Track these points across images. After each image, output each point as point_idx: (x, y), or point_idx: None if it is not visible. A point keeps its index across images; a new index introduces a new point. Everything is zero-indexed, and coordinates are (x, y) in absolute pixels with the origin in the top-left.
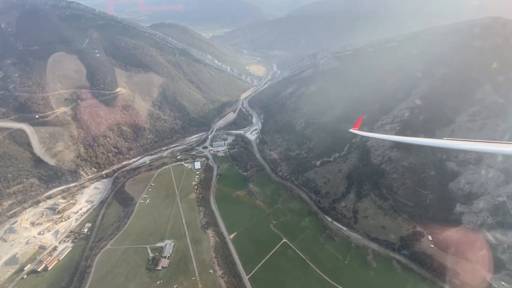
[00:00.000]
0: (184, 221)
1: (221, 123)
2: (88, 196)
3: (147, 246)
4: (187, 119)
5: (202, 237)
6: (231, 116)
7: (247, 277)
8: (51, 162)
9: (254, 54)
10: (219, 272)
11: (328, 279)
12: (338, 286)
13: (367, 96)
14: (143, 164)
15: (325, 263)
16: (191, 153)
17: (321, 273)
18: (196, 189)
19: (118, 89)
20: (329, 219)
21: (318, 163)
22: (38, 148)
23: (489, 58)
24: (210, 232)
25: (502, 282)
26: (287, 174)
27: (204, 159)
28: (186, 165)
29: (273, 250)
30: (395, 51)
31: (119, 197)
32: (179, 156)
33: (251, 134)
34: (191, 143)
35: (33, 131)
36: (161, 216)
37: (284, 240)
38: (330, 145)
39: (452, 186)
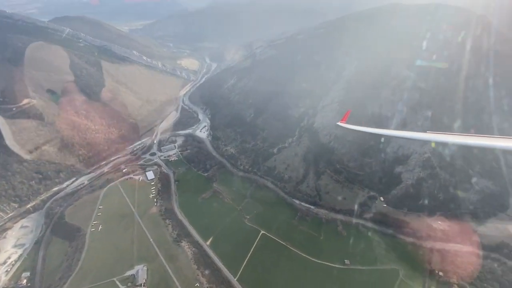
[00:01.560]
0: (151, 239)
1: (164, 125)
2: (15, 239)
3: (115, 279)
4: (124, 126)
5: (177, 251)
6: (174, 116)
7: (235, 279)
8: None
9: (182, 47)
10: (206, 284)
11: (311, 258)
12: (321, 262)
13: (306, 80)
14: (82, 186)
15: (304, 244)
16: (139, 163)
17: (303, 254)
18: (156, 202)
19: (25, 101)
20: (297, 201)
21: (275, 150)
22: None
23: (399, 38)
24: (184, 244)
25: (439, 222)
26: (248, 166)
27: (156, 167)
28: (136, 177)
29: (254, 245)
30: (323, 38)
31: (60, 231)
32: (125, 169)
33: (202, 132)
34: (135, 152)
35: None
36: (122, 241)
37: (262, 232)
38: (283, 132)
39: (389, 151)
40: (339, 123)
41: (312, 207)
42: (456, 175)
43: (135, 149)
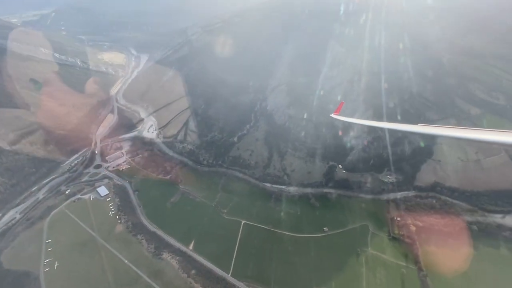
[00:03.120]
0: (126, 261)
1: (102, 130)
2: None
3: None
4: (51, 139)
5: (161, 265)
6: (111, 119)
7: (230, 275)
8: None
9: (98, 39)
10: None
11: (294, 234)
12: (304, 235)
13: (250, 65)
14: (14, 222)
15: (286, 223)
16: (83, 180)
17: (286, 233)
18: (119, 219)
19: None
20: (268, 184)
21: (235, 139)
22: None
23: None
24: (166, 255)
25: (388, 176)
26: (212, 160)
27: (106, 180)
28: (86, 196)
29: (239, 236)
30: (261, 20)
31: (1, 283)
32: (68, 190)
33: (150, 132)
34: (74, 168)
35: None
36: (91, 272)
37: (243, 222)
38: (239, 119)
39: (337, 123)
40: (332, 115)
41: (283, 187)
42: (393, 135)
43: (72, 164)
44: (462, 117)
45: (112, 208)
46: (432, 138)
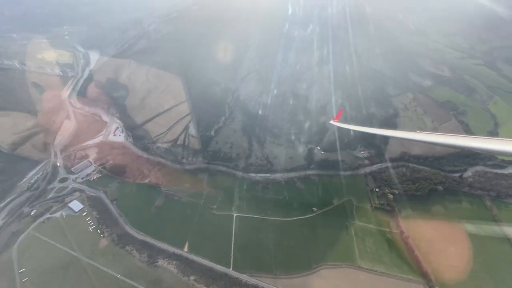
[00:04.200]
0: (119, 276)
1: (61, 139)
2: None
3: None
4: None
5: (158, 273)
6: (69, 125)
7: (231, 269)
8: None
9: (33, 37)
10: None
11: (287, 219)
12: (296, 218)
13: (216, 55)
14: None
15: (277, 210)
16: (49, 197)
17: (279, 219)
18: (102, 232)
19: None
20: (253, 174)
21: (212, 133)
22: None
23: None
24: (162, 262)
25: (362, 152)
26: (192, 157)
27: (78, 193)
28: (56, 215)
29: (233, 230)
30: (222, 7)
31: None
32: (34, 211)
33: (117, 136)
34: (34, 185)
35: None
36: None
37: (235, 214)
38: (213, 112)
39: (309, 106)
40: (331, 122)
41: (268, 174)
42: (360, 112)
43: (32, 181)
44: (417, 90)
45: (91, 223)
46: (394, 112)
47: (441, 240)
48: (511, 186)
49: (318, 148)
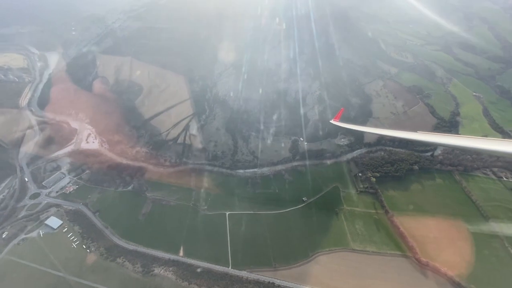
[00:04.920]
0: None
1: (26, 152)
2: None
3: None
4: None
5: (156, 281)
6: (33, 135)
7: (230, 268)
8: None
9: None
10: None
11: (280, 211)
12: (288, 209)
13: (189, 51)
14: None
15: (268, 203)
16: (20, 217)
17: (271, 212)
18: (88, 247)
19: None
20: (241, 171)
21: (194, 132)
22: None
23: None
24: (158, 270)
25: (342, 140)
26: (175, 158)
27: (54, 209)
28: (32, 234)
29: (227, 228)
30: (187, 1)
31: None
32: (5, 233)
33: (90, 143)
34: (1, 205)
35: None
36: None
37: (227, 213)
38: (193, 109)
39: (288, 99)
40: (332, 121)
41: (256, 169)
42: (338, 102)
43: None
44: (386, 77)
45: (74, 239)
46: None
47: (423, 215)
48: (475, 160)
49: (301, 139)
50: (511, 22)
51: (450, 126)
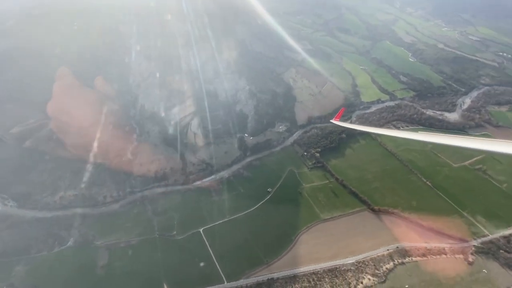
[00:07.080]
0: None
1: None
2: None
3: None
4: None
5: None
6: None
7: (226, 283)
8: None
9: None
10: None
11: (252, 209)
12: (257, 206)
13: (94, 64)
14: None
15: (238, 205)
16: None
17: (245, 212)
18: None
19: None
20: (199, 182)
21: (129, 156)
22: None
23: None
24: None
25: (280, 127)
26: (117, 192)
27: None
28: None
29: (208, 245)
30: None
31: None
32: None
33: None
34: None
35: None
36: None
37: (201, 229)
38: (118, 132)
39: (223, 100)
40: (332, 121)
41: (213, 176)
42: (266, 93)
43: None
44: (295, 64)
45: None
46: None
47: (362, 172)
48: (380, 119)
49: (246, 135)
50: (368, 8)
51: (355, 95)
